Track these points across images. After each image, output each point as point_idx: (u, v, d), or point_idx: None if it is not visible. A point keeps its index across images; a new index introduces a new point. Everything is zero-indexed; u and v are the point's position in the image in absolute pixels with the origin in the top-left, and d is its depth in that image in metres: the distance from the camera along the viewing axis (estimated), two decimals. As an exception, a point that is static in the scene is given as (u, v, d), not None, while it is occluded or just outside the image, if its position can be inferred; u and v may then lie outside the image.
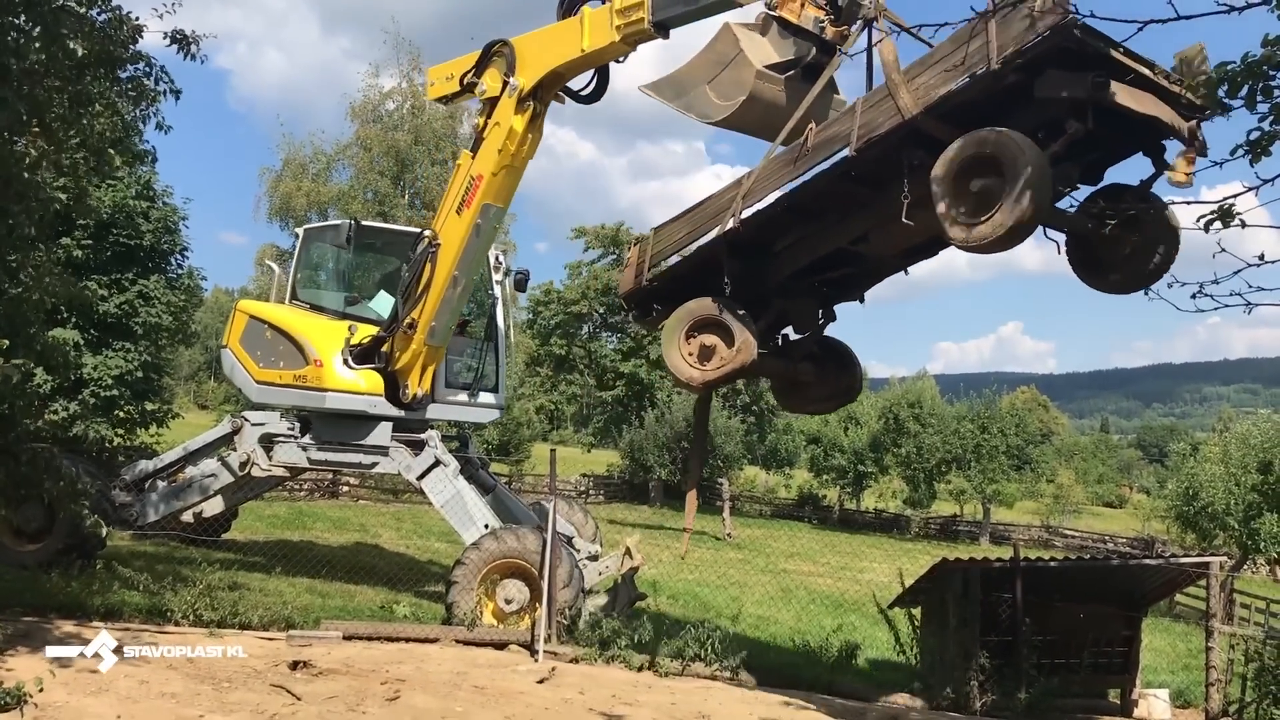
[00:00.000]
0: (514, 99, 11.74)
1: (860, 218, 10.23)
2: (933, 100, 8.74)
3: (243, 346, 13.76)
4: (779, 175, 10.08)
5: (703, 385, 10.82)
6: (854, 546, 33.85)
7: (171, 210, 24.59)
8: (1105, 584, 12.26)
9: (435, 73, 12.98)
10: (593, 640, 11.10)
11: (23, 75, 8.09)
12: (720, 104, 10.31)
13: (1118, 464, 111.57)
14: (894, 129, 9.01)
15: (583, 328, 58.34)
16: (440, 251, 12.54)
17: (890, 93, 9.03)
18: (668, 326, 10.74)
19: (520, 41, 11.83)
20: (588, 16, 11.14)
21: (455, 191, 12.49)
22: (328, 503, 29.23)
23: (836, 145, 9.49)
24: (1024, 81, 8.40)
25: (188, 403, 78.44)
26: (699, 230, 10.73)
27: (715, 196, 10.62)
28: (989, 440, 47.69)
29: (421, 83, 44.08)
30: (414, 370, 13.15)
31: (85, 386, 22.15)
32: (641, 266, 11.17)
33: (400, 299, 12.79)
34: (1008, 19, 8.22)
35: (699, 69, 10.57)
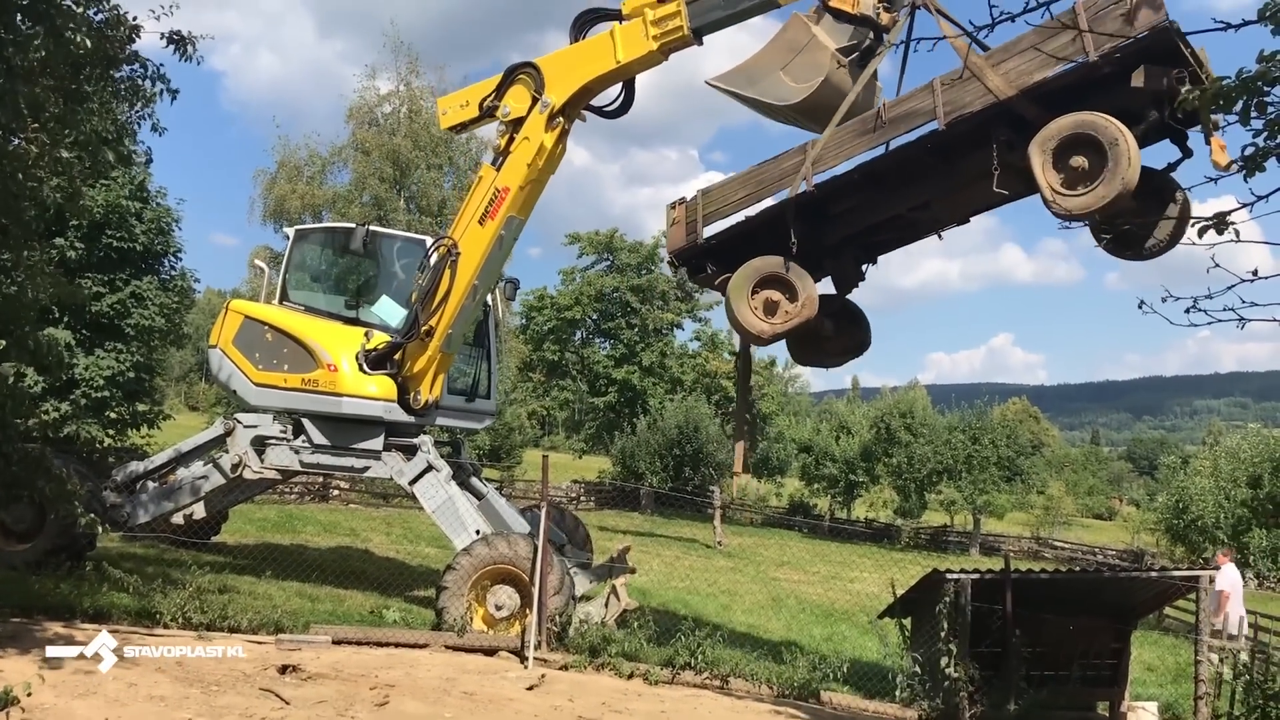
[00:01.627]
0: (545, 116, 12.25)
1: (924, 186, 11.26)
2: (1029, 84, 9.87)
3: (237, 348, 13.63)
4: (851, 144, 10.97)
5: (772, 337, 11.52)
6: (844, 556, 33.82)
7: (165, 211, 24.61)
8: (1095, 596, 12.26)
9: (448, 102, 13.45)
10: (583, 647, 11.09)
11: (21, 73, 8.09)
12: (796, 86, 11.10)
13: (1108, 476, 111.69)
14: (986, 107, 10.11)
15: (576, 333, 58.42)
16: (461, 260, 12.74)
17: (975, 75, 10.11)
18: (735, 282, 11.38)
19: (546, 62, 12.44)
20: (618, 31, 11.87)
21: (478, 203, 12.78)
22: (318, 506, 29.12)
23: (919, 119, 10.54)
24: (1112, 72, 9.57)
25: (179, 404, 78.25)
26: (761, 192, 11.54)
27: (775, 161, 11.45)
28: (980, 451, 47.73)
29: (419, 86, 44.25)
30: (427, 377, 13.18)
31: (77, 387, 22.14)
32: (694, 225, 11.88)
33: (419, 306, 12.81)
34: (1101, 15, 9.46)
35: (770, 57, 11.41)
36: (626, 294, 55.35)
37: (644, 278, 55.97)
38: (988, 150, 10.33)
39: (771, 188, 11.46)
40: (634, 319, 55.37)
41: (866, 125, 10.91)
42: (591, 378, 56.81)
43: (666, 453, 44.90)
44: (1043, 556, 46.32)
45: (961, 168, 10.88)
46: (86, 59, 8.60)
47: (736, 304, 11.38)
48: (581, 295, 55.98)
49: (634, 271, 56.14)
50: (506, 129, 12.63)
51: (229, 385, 13.90)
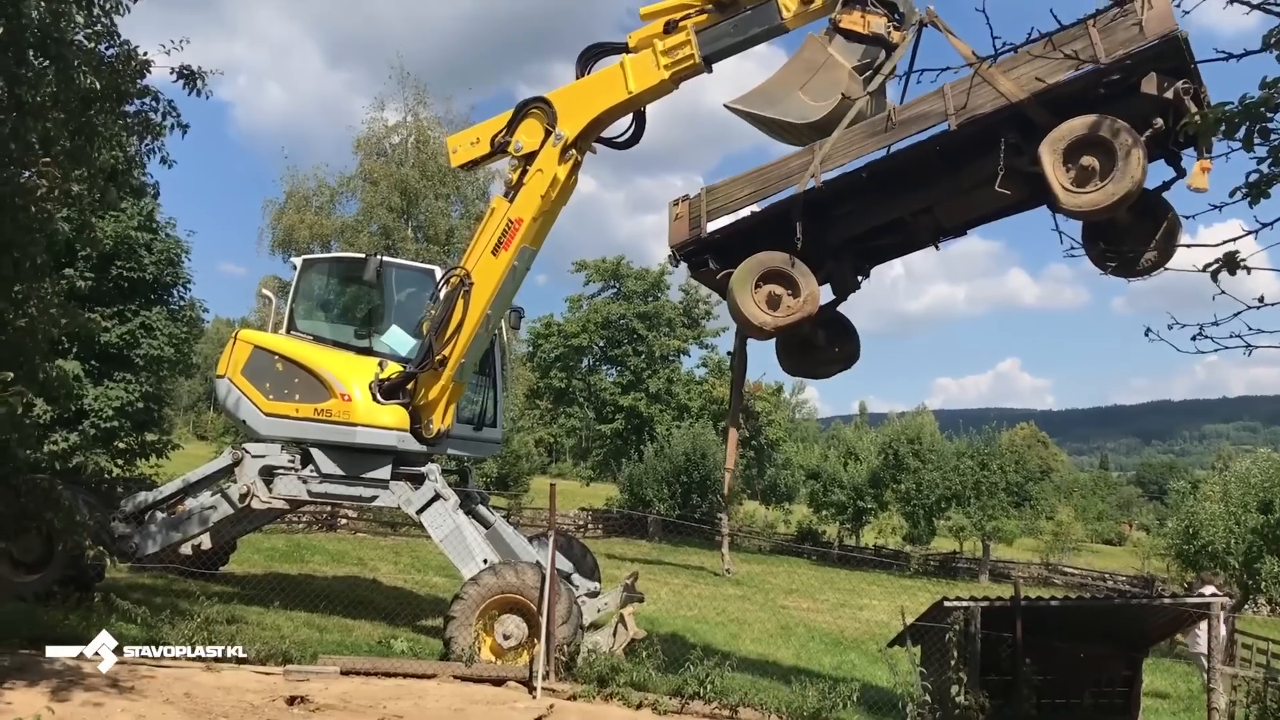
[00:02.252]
0: (558, 148, 12.53)
1: (929, 190, 11.61)
2: (1040, 89, 10.19)
3: (246, 377, 13.62)
4: (861, 144, 11.30)
5: (773, 330, 11.75)
6: (853, 583, 33.72)
7: (174, 243, 24.68)
8: (1106, 623, 12.21)
9: (458, 140, 13.68)
10: (591, 677, 11.05)
11: (34, 108, 8.18)
12: (816, 104, 11.47)
13: (1117, 501, 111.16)
14: (998, 110, 10.49)
15: (583, 360, 58.44)
16: (474, 290, 12.91)
17: (986, 81, 10.45)
18: (739, 275, 11.59)
19: (557, 96, 12.74)
20: (629, 62, 12.30)
21: (490, 233, 12.97)
22: (326, 535, 29.10)
23: (930, 121, 10.92)
24: (1122, 79, 9.98)
25: (187, 433, 78.30)
26: (767, 190, 11.81)
27: (782, 161, 11.73)
28: (988, 477, 47.50)
29: (427, 117, 44.43)
30: (439, 406, 13.23)
31: (85, 417, 22.15)
32: (697, 220, 12.12)
33: (432, 335, 12.88)
34: (1112, 25, 9.87)
35: (788, 78, 11.73)
36: (633, 321, 55.40)
37: (650, 304, 56.05)
38: (994, 156, 10.65)
39: (777, 186, 11.72)
40: (641, 346, 55.39)
41: (876, 127, 11.27)
42: (598, 405, 56.78)
43: (674, 480, 44.77)
44: (1052, 583, 46.06)
45: (967, 173, 11.22)
46: (97, 94, 8.69)
47: (740, 296, 11.56)
48: (588, 322, 56.05)
49: (640, 298, 56.22)
50: (519, 163, 12.87)
51: (237, 415, 13.84)
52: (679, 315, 56.88)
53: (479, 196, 44.16)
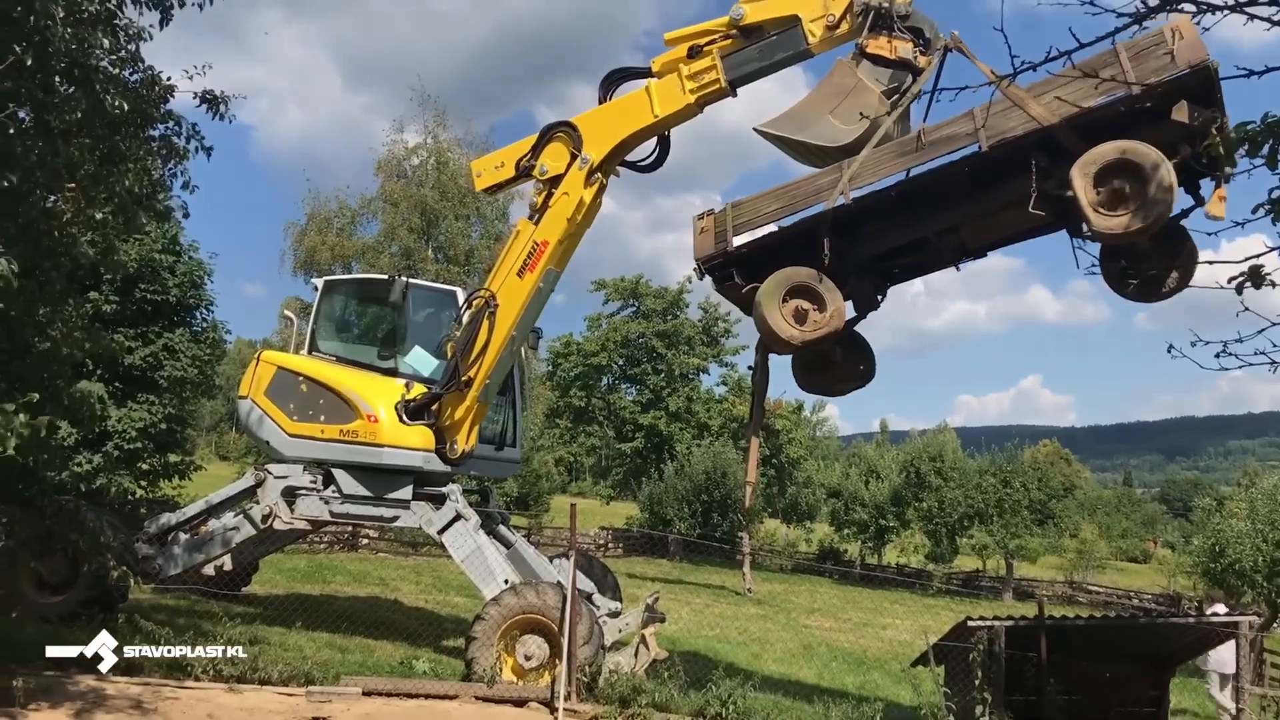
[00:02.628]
0: (584, 172, 12.70)
1: (955, 210, 11.79)
2: (1072, 113, 10.27)
3: (269, 398, 13.67)
4: (888, 164, 11.53)
5: (800, 344, 11.82)
6: (876, 602, 33.51)
7: (197, 265, 24.92)
8: (1131, 642, 12.09)
9: (482, 164, 13.82)
10: (613, 698, 11.01)
11: (60, 133, 8.28)
12: (846, 128, 11.48)
13: (1142, 518, 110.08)
14: (1029, 133, 10.71)
15: (602, 379, 58.51)
16: (500, 311, 12.97)
17: (1016, 104, 10.71)
18: (767, 288, 11.70)
19: (582, 120, 12.87)
20: (654, 87, 12.47)
21: (516, 256, 13.06)
22: (347, 556, 29.16)
23: (960, 143, 11.14)
24: (1152, 106, 10.18)
25: (209, 454, 78.69)
26: (795, 206, 12.00)
27: (811, 178, 11.94)
28: (1011, 494, 47.18)
29: (446, 138, 44.74)
30: (464, 427, 13.28)
31: (109, 439, 22.33)
32: (723, 234, 12.26)
33: (458, 357, 12.94)
34: (1143, 54, 10.19)
35: (818, 102, 11.79)
36: (652, 339, 55.51)
37: (670, 323, 56.14)
38: (1021, 178, 10.87)
39: (805, 202, 11.91)
40: (660, 364, 55.47)
41: (906, 147, 11.50)
42: (618, 423, 56.83)
43: (694, 498, 44.67)
44: (1077, 601, 45.69)
45: (994, 194, 11.44)
46: (122, 119, 8.79)
47: (768, 308, 11.63)
48: (607, 341, 56.18)
49: (660, 317, 56.34)
50: (543, 186, 12.98)
51: (260, 436, 13.87)
52: (698, 333, 56.94)
53: (499, 217, 44.40)
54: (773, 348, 12.63)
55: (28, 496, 8.39)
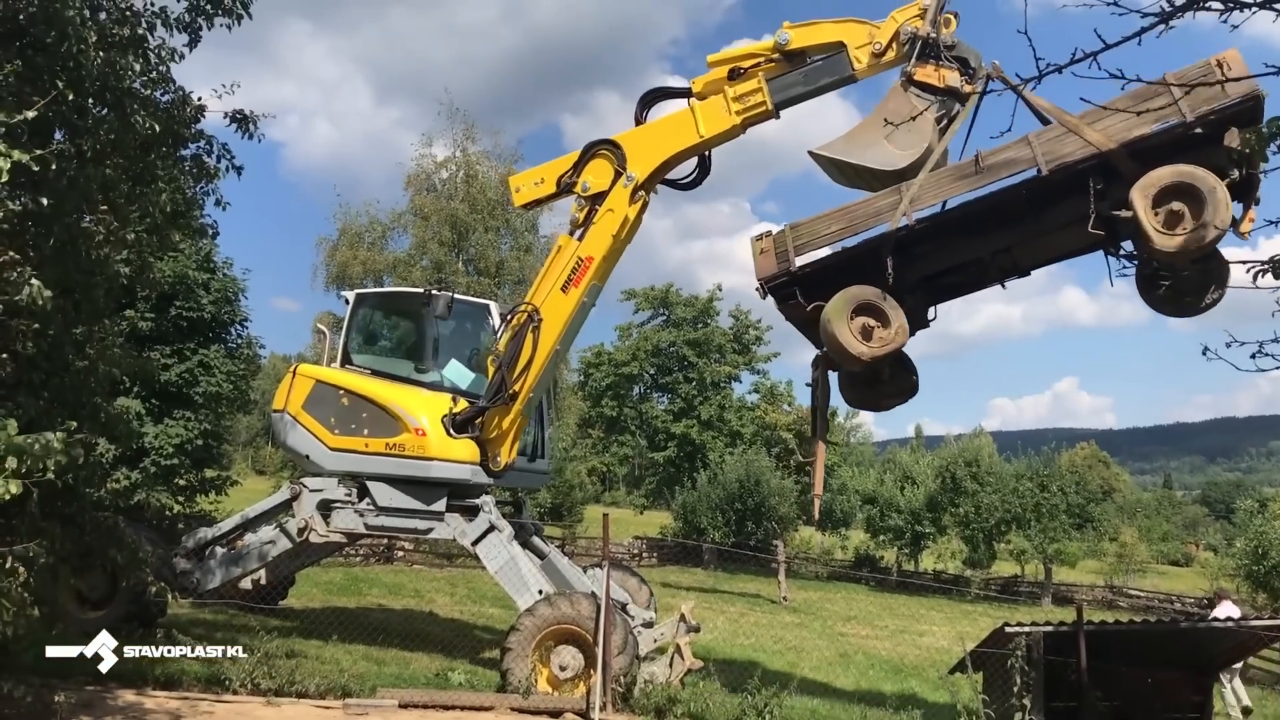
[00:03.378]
0: (629, 189, 13.01)
1: (1010, 231, 12.20)
2: (1128, 139, 10.95)
3: (309, 412, 13.71)
4: (948, 187, 11.93)
5: (869, 360, 12.04)
6: (913, 609, 33.28)
7: (231, 281, 25.15)
8: (1173, 647, 11.94)
9: (521, 179, 13.92)
10: (648, 708, 11.01)
11: (93, 155, 8.39)
12: (902, 153, 11.94)
13: (1183, 521, 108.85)
14: (1087, 158, 11.21)
15: (634, 389, 58.43)
16: (544, 325, 13.14)
17: (1073, 130, 11.28)
18: (835, 306, 11.95)
19: (626, 139, 13.18)
20: (699, 108, 12.85)
21: (559, 271, 13.23)
22: (383, 568, 29.32)
23: (1019, 167, 11.57)
24: (1203, 133, 10.72)
25: (246, 469, 79.30)
26: (855, 227, 12.27)
27: (870, 200, 12.21)
28: (1049, 499, 46.73)
29: (475, 151, 44.94)
30: (507, 440, 13.41)
31: (146, 455, 22.55)
32: (784, 254, 12.49)
33: (504, 370, 13.04)
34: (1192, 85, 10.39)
35: (874, 127, 12.07)
36: (683, 348, 55.40)
37: (700, 331, 55.99)
38: (1075, 200, 11.37)
39: (866, 223, 12.19)
40: (691, 373, 55.33)
41: (964, 170, 11.87)
42: (650, 433, 56.71)
43: (728, 507, 44.51)
44: (1118, 605, 45.17)
45: (1049, 215, 11.87)
46: (154, 139, 8.90)
47: (837, 326, 11.88)
48: (638, 350, 56.10)
49: (690, 325, 56.20)
50: (585, 202, 13.20)
51: (299, 450, 13.91)
52: (729, 341, 56.76)
53: (528, 229, 44.55)
54: (842, 364, 12.88)
55: (67, 514, 8.47)
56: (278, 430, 14.16)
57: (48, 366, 8.66)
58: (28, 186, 7.51)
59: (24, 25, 7.87)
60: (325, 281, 44.21)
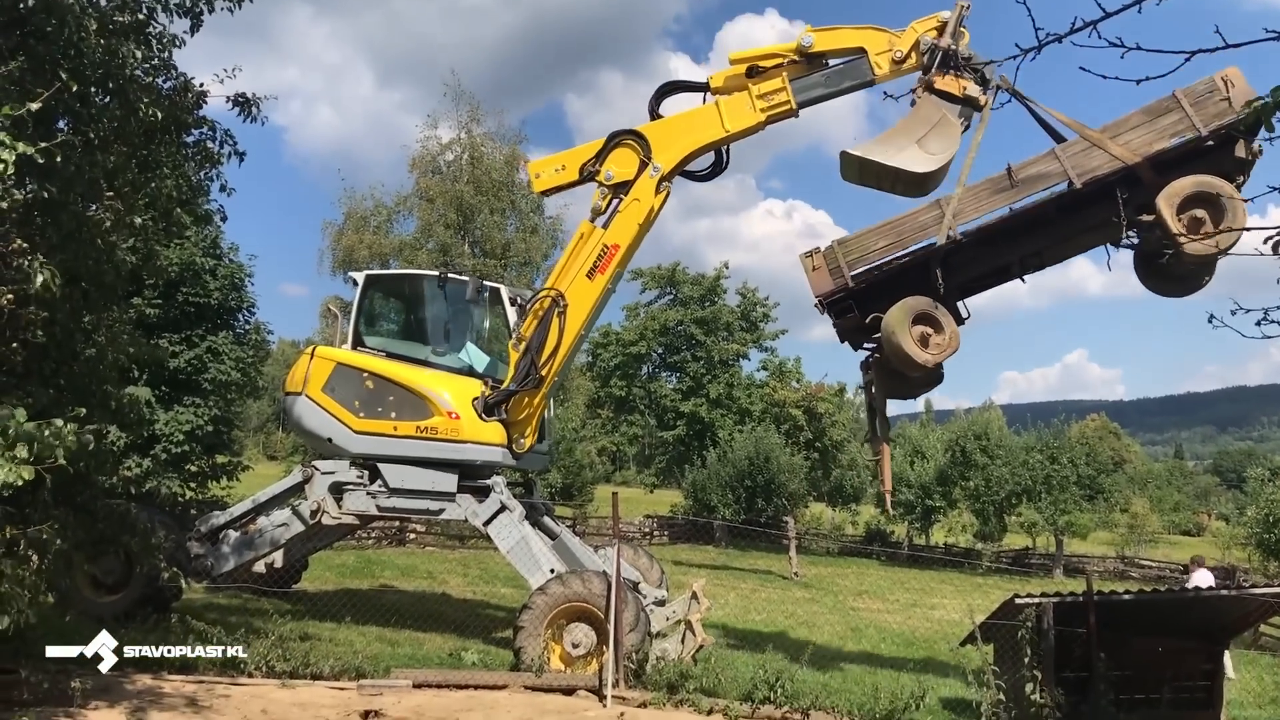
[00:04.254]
0: (655, 180, 13.37)
1: (1042, 236, 13.34)
2: (1151, 152, 12.35)
3: (330, 395, 13.60)
4: (988, 200, 13.02)
5: (932, 366, 13.01)
6: (924, 583, 33.34)
7: (238, 268, 25.16)
8: (1184, 616, 11.96)
9: (541, 165, 14.09)
10: (660, 684, 11.06)
11: (98, 143, 8.41)
12: (930, 156, 12.64)
13: (1194, 491, 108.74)
14: (1114, 171, 12.48)
15: (642, 368, 58.41)
16: (570, 311, 13.40)
17: (1097, 145, 12.55)
18: (897, 318, 12.87)
19: (650, 130, 13.55)
20: (724, 103, 13.38)
21: (584, 258, 13.47)
22: (395, 550, 29.44)
23: (1052, 180, 12.78)
24: (1214, 145, 12.22)
25: (257, 454, 79.62)
26: (904, 241, 13.27)
27: (911, 215, 13.29)
28: (1059, 471, 46.66)
29: (480, 133, 44.84)
30: (531, 423, 13.61)
31: (157, 442, 22.63)
32: (838, 270, 13.44)
33: (534, 354, 13.23)
34: (1201, 100, 12.26)
35: (906, 132, 12.76)
36: (691, 327, 55.31)
37: (708, 309, 55.90)
38: (1101, 205, 12.67)
39: (914, 237, 13.22)
40: (699, 351, 55.26)
41: (999, 184, 12.99)
42: (659, 412, 56.70)
43: (738, 484, 44.56)
44: (1129, 576, 45.22)
45: (1077, 220, 13.08)
46: (157, 126, 8.91)
47: (900, 336, 12.80)
48: (646, 330, 56.02)
49: (697, 304, 56.11)
50: (608, 191, 13.51)
51: (320, 433, 13.77)
52: (737, 319, 56.66)
53: (533, 210, 44.50)
54: (905, 372, 13.55)
55: (80, 501, 8.53)
56: (294, 413, 13.98)
57: (57, 355, 8.71)
58: (34, 175, 7.53)
59: (25, 14, 7.87)
60: (331, 266, 44.28)
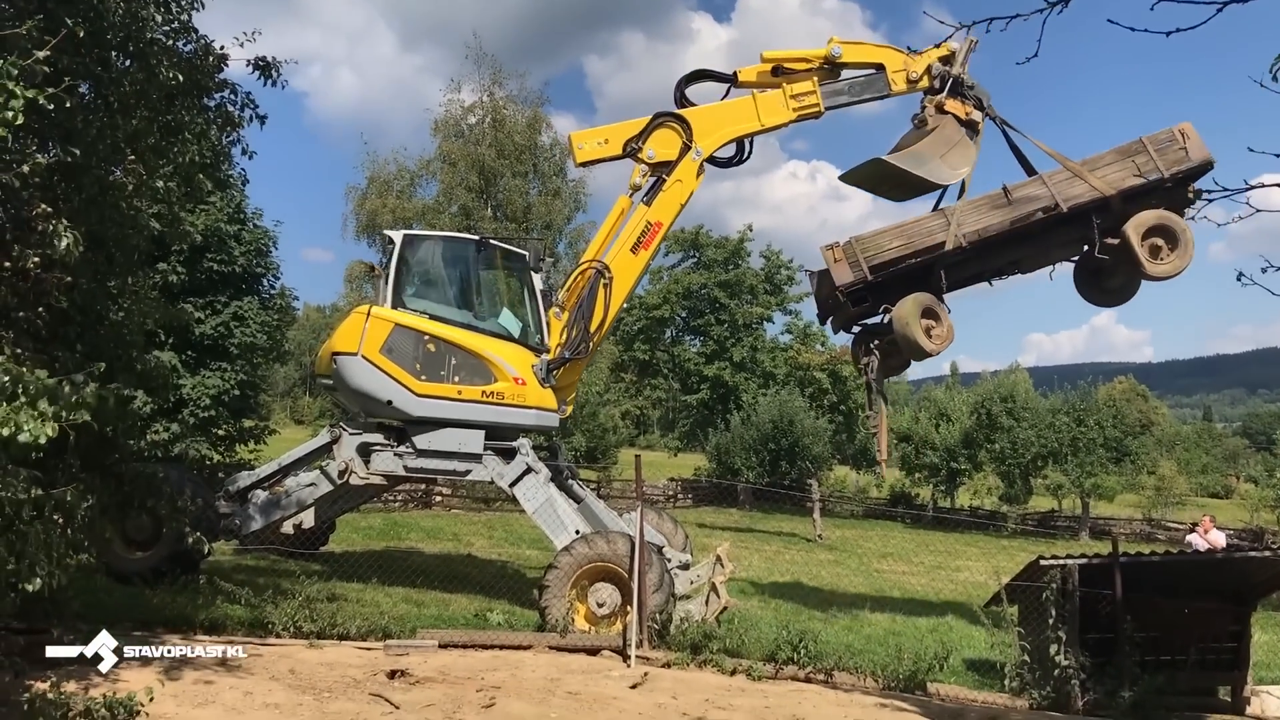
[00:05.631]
0: (697, 163, 14.42)
1: (1025, 248, 15.44)
2: (1123, 187, 14.64)
3: (389, 357, 13.30)
4: (986, 214, 14.91)
5: (935, 354, 15.06)
6: (949, 545, 33.32)
7: (262, 233, 25.24)
8: (1210, 578, 11.89)
9: (584, 137, 14.81)
10: (684, 645, 11.11)
11: (118, 106, 8.40)
12: (952, 171, 14.69)
13: (1222, 453, 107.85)
14: (1094, 200, 14.69)
15: (665, 332, 58.36)
16: (615, 283, 14.15)
17: (1077, 176, 14.73)
18: (911, 311, 14.65)
19: (692, 115, 14.60)
20: (760, 99, 14.76)
21: (630, 233, 14.29)
22: (421, 513, 29.65)
23: (1042, 201, 14.75)
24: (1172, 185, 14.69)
25: (284, 418, 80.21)
26: (914, 243, 14.97)
27: (920, 221, 15.17)
28: (1086, 433, 46.37)
29: (502, 95, 44.61)
30: (573, 389, 14.31)
31: (184, 406, 22.83)
32: (857, 264, 15.01)
33: (584, 324, 13.88)
34: (1163, 148, 14.66)
35: (932, 147, 14.61)
36: (714, 290, 55.14)
37: (732, 273, 55.69)
38: (1077, 226, 14.97)
39: (921, 240, 14.92)
40: (723, 315, 55.10)
41: (997, 201, 14.92)
42: (683, 375, 56.68)
43: (762, 447, 44.56)
44: (1156, 538, 45.00)
45: (1054, 237, 15.26)
46: (178, 90, 8.88)
47: (913, 327, 14.62)
48: (669, 294, 55.88)
49: (721, 267, 55.90)
50: (648, 169, 14.36)
51: (379, 395, 13.35)
52: (761, 282, 56.44)
53: (555, 173, 44.31)
54: (912, 359, 15.76)
55: (106, 464, 8.59)
56: (347, 374, 13.44)
57: (81, 320, 8.74)
58: (55, 138, 7.53)
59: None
60: (355, 231, 44.25)
